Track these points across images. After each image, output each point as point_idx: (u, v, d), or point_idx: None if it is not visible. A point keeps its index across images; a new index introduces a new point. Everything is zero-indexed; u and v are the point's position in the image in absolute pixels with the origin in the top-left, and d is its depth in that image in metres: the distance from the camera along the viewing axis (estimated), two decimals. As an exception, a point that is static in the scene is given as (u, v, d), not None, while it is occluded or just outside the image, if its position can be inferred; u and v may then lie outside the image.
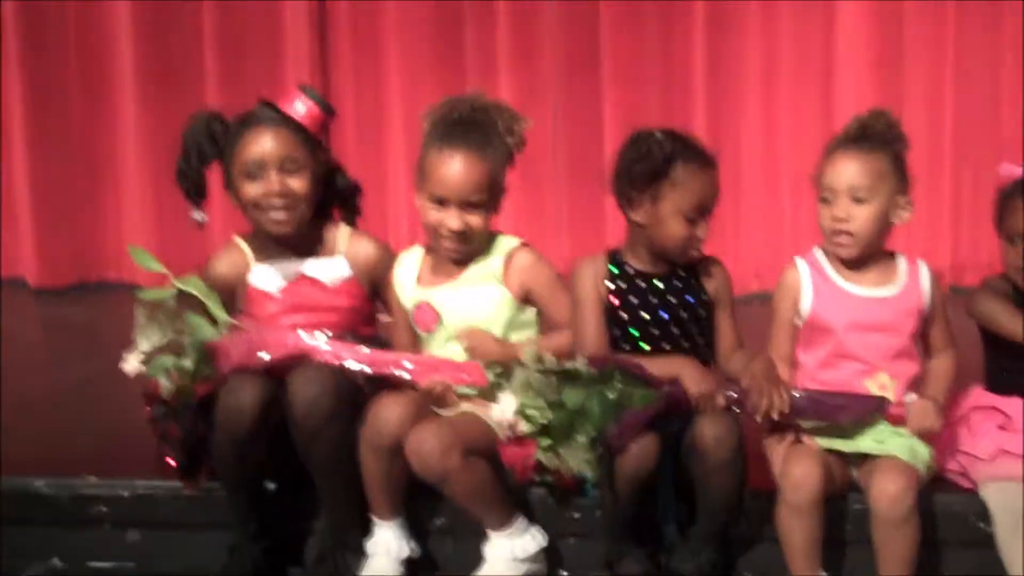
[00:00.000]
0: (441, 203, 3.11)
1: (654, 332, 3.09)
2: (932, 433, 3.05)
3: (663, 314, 3.09)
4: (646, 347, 3.08)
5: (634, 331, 3.09)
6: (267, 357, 3.08)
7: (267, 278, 3.28)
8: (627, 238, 3.16)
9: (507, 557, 3.06)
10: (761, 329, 3.21)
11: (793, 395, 3.00)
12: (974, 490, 3.12)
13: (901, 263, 3.16)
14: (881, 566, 2.96)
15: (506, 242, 3.21)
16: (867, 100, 4.86)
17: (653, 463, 2.94)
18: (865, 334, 3.08)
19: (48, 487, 3.33)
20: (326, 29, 5.73)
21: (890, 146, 3.09)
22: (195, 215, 3.31)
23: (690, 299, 3.11)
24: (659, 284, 3.11)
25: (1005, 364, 3.21)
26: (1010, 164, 3.22)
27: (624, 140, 3.12)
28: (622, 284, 3.11)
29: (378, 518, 3.13)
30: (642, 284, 3.11)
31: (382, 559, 3.11)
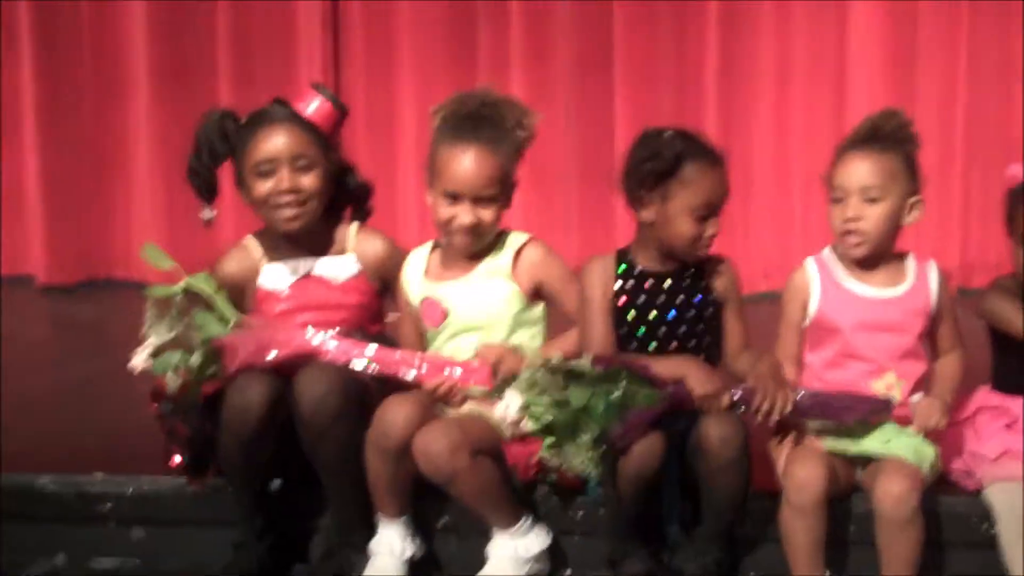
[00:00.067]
0: (454, 198, 3.11)
1: (661, 331, 3.08)
2: (937, 431, 3.05)
3: (671, 313, 3.08)
4: (653, 346, 3.08)
5: (642, 330, 3.08)
6: (274, 355, 3.08)
7: (277, 277, 3.28)
8: (636, 237, 3.15)
9: (511, 556, 3.06)
10: (770, 329, 3.20)
11: (798, 396, 2.99)
12: (979, 491, 3.11)
13: (910, 263, 3.15)
14: (885, 567, 2.95)
15: (516, 238, 3.21)
16: (879, 100, 4.84)
17: (657, 462, 2.93)
18: (873, 334, 3.08)
19: (53, 484, 3.33)
20: (339, 29, 5.75)
21: (902, 146, 3.08)
22: (204, 213, 3.31)
23: (698, 298, 3.10)
24: (667, 283, 3.10)
25: (1013, 364, 3.20)
26: (1017, 165, 3.21)
27: (634, 139, 3.11)
28: (630, 283, 3.11)
29: (383, 517, 3.12)
30: (650, 283, 3.10)
31: (386, 558, 3.10)
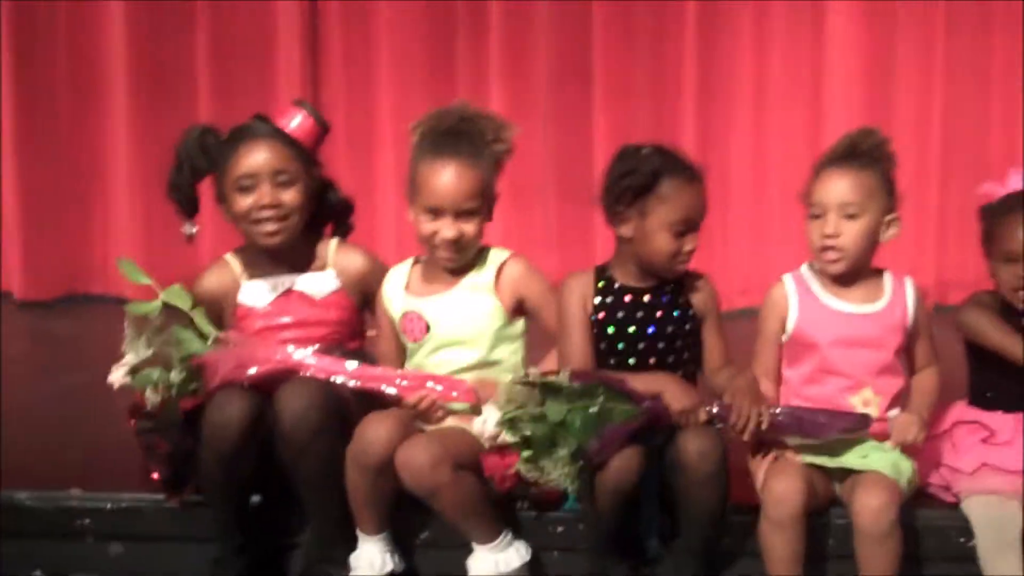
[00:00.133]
0: (435, 213, 3.11)
1: (641, 346, 3.09)
2: (915, 446, 3.06)
3: (650, 328, 3.09)
4: (632, 361, 3.09)
5: (621, 345, 3.09)
6: (254, 372, 3.08)
7: (256, 294, 3.28)
8: (615, 253, 3.16)
9: (491, 571, 3.06)
10: (747, 345, 3.22)
11: (775, 412, 3.01)
12: (956, 504, 3.13)
13: (887, 280, 3.16)
14: (864, 580, 2.97)
15: (498, 254, 3.22)
16: (856, 118, 4.87)
17: (635, 477, 2.94)
18: (850, 350, 3.09)
19: (31, 500, 3.32)
20: (318, 43, 5.72)
21: (879, 164, 3.11)
22: (186, 228, 3.31)
23: (676, 314, 3.11)
24: (646, 298, 3.11)
25: (989, 378, 3.22)
26: (991, 183, 3.23)
27: (613, 155, 3.13)
28: (609, 298, 3.12)
29: (363, 533, 3.12)
30: (629, 298, 3.11)
31: (366, 573, 3.10)
